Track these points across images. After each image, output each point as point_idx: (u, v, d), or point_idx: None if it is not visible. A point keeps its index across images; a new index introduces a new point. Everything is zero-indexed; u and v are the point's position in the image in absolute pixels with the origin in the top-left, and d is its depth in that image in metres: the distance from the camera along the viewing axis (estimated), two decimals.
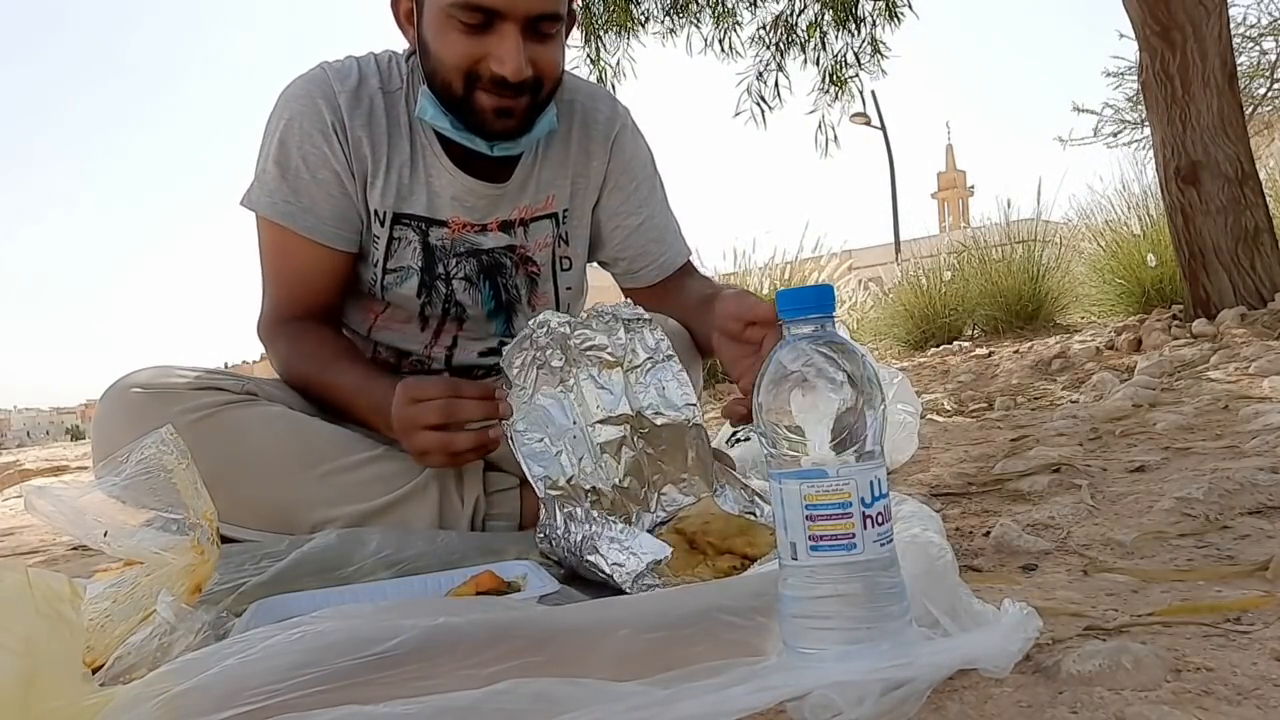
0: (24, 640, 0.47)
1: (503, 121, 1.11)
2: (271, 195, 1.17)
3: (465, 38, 1.06)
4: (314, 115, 1.16)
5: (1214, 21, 3.00)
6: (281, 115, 1.17)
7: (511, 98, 1.08)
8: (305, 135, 1.16)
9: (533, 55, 1.07)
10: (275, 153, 1.17)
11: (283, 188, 1.16)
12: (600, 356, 1.00)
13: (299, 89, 1.18)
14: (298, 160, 1.16)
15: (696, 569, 0.85)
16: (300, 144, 1.16)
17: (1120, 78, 6.33)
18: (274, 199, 1.16)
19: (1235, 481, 0.99)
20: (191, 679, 0.50)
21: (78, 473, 3.64)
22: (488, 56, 1.06)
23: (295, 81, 1.19)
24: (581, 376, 0.99)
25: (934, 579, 0.62)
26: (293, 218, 1.16)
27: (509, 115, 1.10)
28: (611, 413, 0.99)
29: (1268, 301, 2.89)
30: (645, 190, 1.34)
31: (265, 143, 1.19)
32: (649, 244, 1.34)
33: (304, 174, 1.16)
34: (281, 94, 1.19)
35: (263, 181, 1.18)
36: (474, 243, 1.24)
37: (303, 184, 1.16)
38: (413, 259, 1.22)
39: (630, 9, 5.28)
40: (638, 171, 1.33)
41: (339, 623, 0.56)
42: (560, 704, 0.52)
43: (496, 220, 1.24)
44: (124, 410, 1.06)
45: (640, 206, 1.33)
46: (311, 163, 1.16)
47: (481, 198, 1.22)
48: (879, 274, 7.80)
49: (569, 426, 0.98)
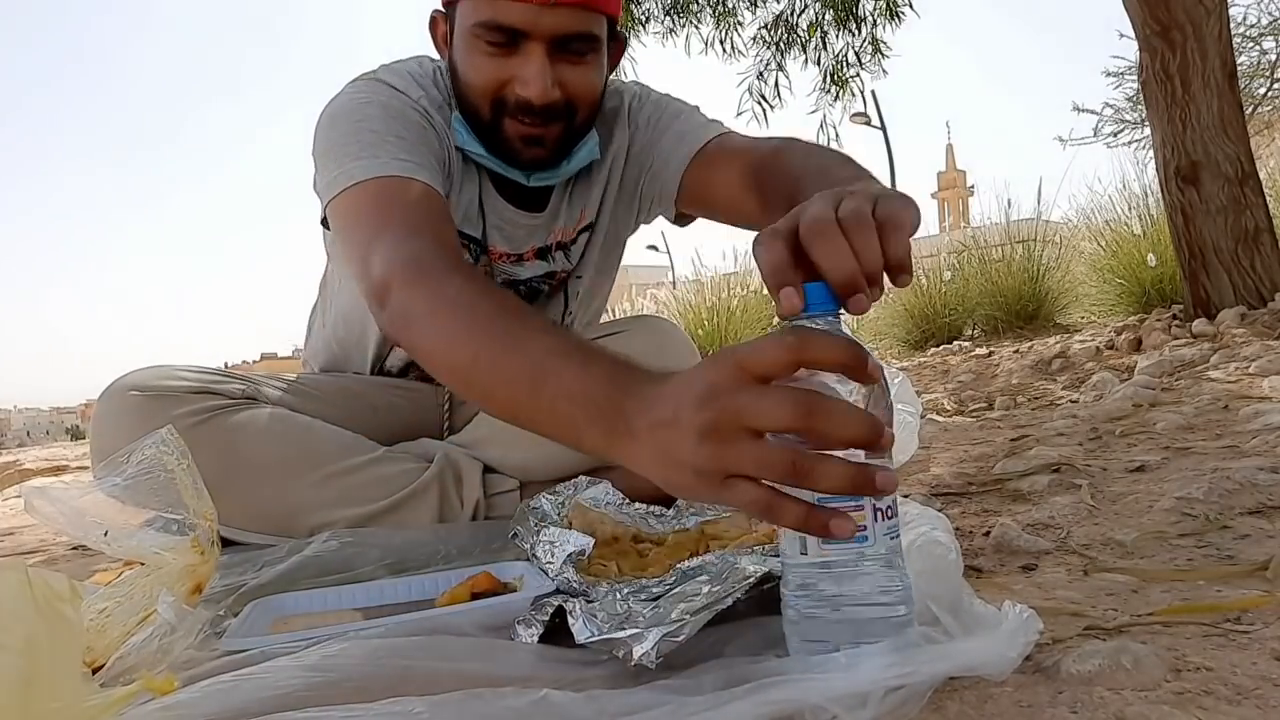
0: (24, 640, 0.47)
1: (532, 150, 1.04)
2: (375, 156, 0.97)
3: (490, 60, 0.99)
4: (398, 98, 1.04)
5: (1214, 21, 3.00)
6: (354, 104, 1.03)
7: (540, 125, 1.01)
8: (396, 112, 1.03)
9: (562, 78, 0.99)
10: (363, 126, 1.00)
11: (387, 146, 0.98)
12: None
13: (363, 86, 1.06)
14: (395, 125, 1.01)
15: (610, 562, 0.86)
16: (394, 115, 1.02)
17: (1120, 78, 6.34)
18: (380, 158, 0.96)
19: (1235, 481, 0.99)
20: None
21: (78, 473, 3.64)
22: (513, 79, 0.99)
23: (346, 89, 1.07)
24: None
25: (939, 577, 0.63)
26: (413, 170, 0.96)
27: (539, 144, 1.03)
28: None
29: (1268, 301, 2.89)
30: (662, 120, 1.18)
31: (338, 133, 1.01)
32: (670, 150, 1.16)
33: (406, 135, 1.01)
34: (335, 100, 1.06)
35: (354, 153, 0.97)
36: (510, 274, 1.19)
37: (408, 144, 1.00)
38: None
39: (630, 9, 5.28)
40: (652, 118, 1.19)
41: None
42: (561, 708, 0.52)
43: (532, 249, 1.19)
44: (122, 412, 1.06)
45: (657, 137, 1.18)
46: (411, 127, 1.02)
47: (519, 228, 1.17)
48: None
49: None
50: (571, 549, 0.82)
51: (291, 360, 22.70)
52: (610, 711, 0.52)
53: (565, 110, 1.02)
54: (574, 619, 0.65)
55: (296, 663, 0.58)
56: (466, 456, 1.14)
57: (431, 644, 0.62)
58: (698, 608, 0.63)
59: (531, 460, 1.14)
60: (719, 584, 0.68)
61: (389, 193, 0.94)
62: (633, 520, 1.01)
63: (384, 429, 1.18)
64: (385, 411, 1.26)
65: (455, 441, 1.18)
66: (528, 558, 0.88)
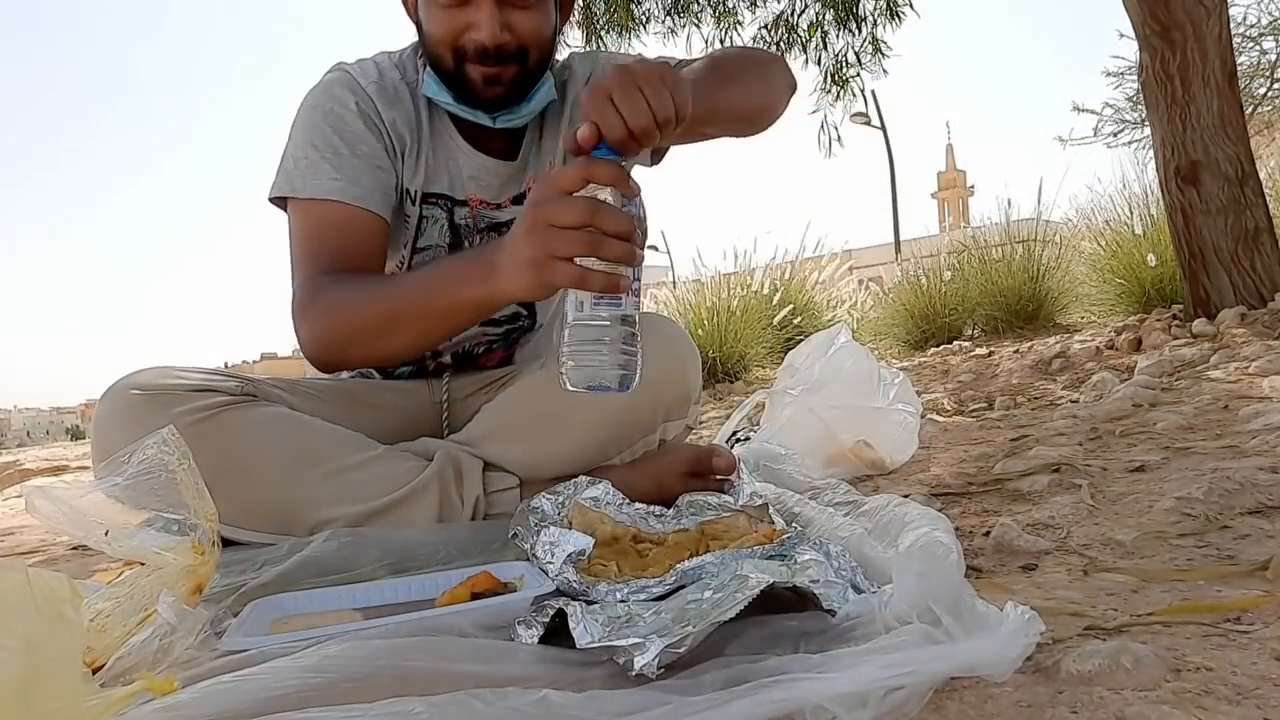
0: (24, 640, 0.47)
1: (491, 89, 1.15)
2: (315, 174, 1.16)
3: (446, 12, 1.12)
4: (345, 104, 1.19)
5: (1214, 21, 3.00)
6: (312, 110, 1.19)
7: (496, 66, 1.13)
8: (339, 119, 1.18)
9: (510, 21, 1.12)
10: (310, 138, 1.17)
11: (324, 166, 1.16)
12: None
13: (324, 87, 1.21)
14: (335, 140, 1.17)
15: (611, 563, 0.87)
16: (336, 126, 1.17)
17: (1120, 78, 6.33)
18: (318, 178, 1.15)
19: (1235, 481, 0.99)
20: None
21: (78, 473, 3.64)
22: (469, 27, 1.11)
23: (318, 84, 1.22)
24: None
25: (939, 578, 0.62)
26: (341, 191, 1.15)
27: (497, 83, 1.15)
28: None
29: (1268, 301, 2.89)
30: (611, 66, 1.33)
31: (295, 136, 1.19)
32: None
33: (344, 150, 1.17)
34: (306, 97, 1.21)
35: (299, 167, 1.17)
36: (492, 218, 1.29)
37: (344, 160, 1.16)
38: (440, 238, 1.26)
39: (631, 9, 5.28)
40: (606, 68, 1.29)
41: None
42: (561, 708, 0.52)
43: (509, 196, 1.29)
44: (123, 411, 1.06)
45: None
46: (349, 140, 1.17)
47: (496, 175, 1.27)
48: (879, 274, 7.80)
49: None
50: (571, 549, 0.82)
51: (291, 360, 22.72)
52: (610, 711, 0.52)
53: (518, 53, 1.14)
54: (575, 622, 0.65)
55: (296, 663, 0.58)
56: (467, 454, 1.14)
57: (432, 644, 0.62)
58: (700, 618, 0.63)
59: (532, 458, 1.15)
60: (722, 592, 0.68)
61: (315, 216, 1.16)
62: (633, 520, 1.01)
63: (383, 428, 1.19)
64: (384, 411, 1.26)
65: (455, 439, 1.19)
66: (528, 558, 0.88)
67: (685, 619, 0.64)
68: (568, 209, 0.83)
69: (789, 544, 0.82)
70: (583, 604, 0.71)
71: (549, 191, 0.85)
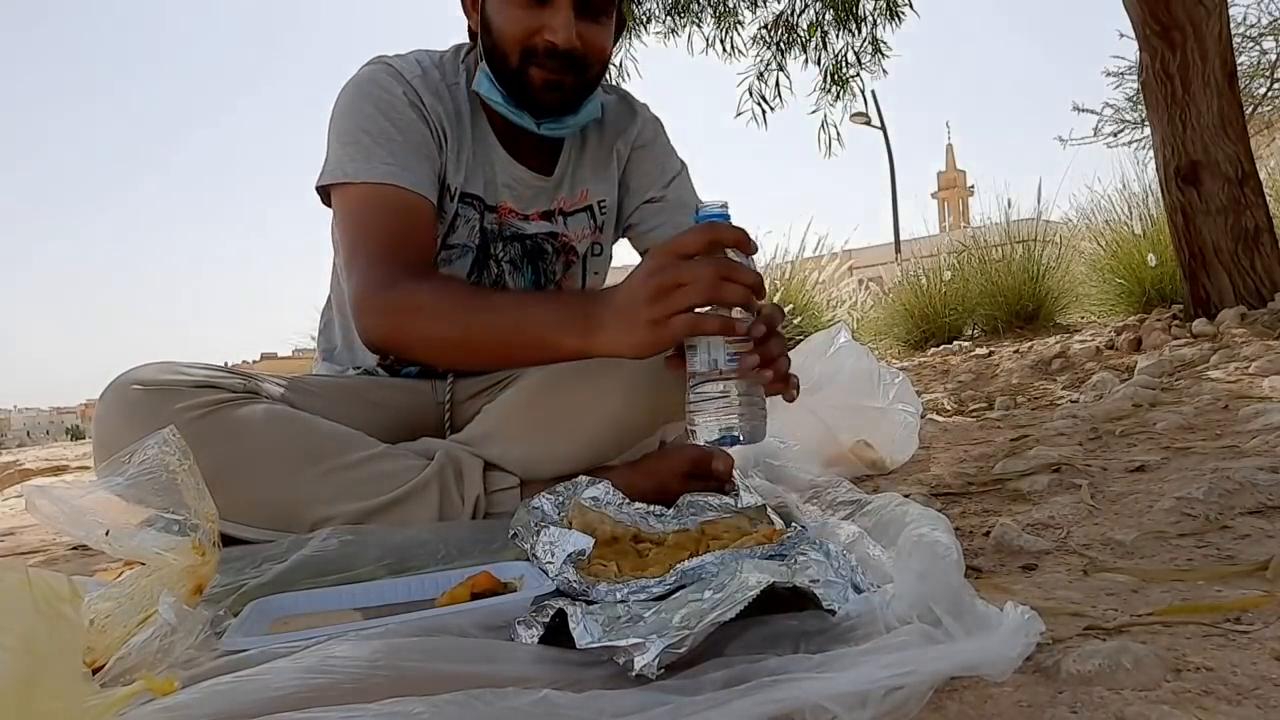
0: (24, 640, 0.47)
1: (550, 94, 1.16)
2: (368, 160, 1.16)
3: (524, 11, 1.14)
4: (393, 91, 1.19)
5: (1214, 21, 3.00)
6: (359, 98, 1.19)
7: (560, 72, 1.15)
8: (389, 106, 1.18)
9: (582, 32, 1.14)
10: (361, 124, 1.17)
11: (378, 151, 1.16)
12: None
13: (368, 76, 1.21)
14: (387, 126, 1.17)
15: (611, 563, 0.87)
16: (387, 113, 1.18)
17: (1120, 78, 6.33)
18: (371, 163, 1.15)
19: (1235, 481, 0.99)
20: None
21: (78, 473, 3.64)
22: (543, 29, 1.13)
23: (358, 75, 1.22)
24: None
25: (938, 578, 0.62)
26: (396, 176, 1.15)
27: (558, 89, 1.16)
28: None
29: (1268, 301, 2.89)
30: (669, 170, 1.39)
31: (342, 125, 1.19)
32: (666, 212, 1.37)
33: (397, 137, 1.17)
34: (348, 86, 1.22)
35: (350, 153, 1.16)
36: (518, 228, 1.30)
37: (397, 145, 1.17)
38: (469, 238, 1.27)
39: (632, 9, 5.28)
40: (659, 154, 1.39)
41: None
42: (561, 708, 0.52)
43: (537, 211, 1.31)
44: (124, 408, 1.06)
45: (663, 183, 1.37)
46: (401, 127, 1.18)
47: (529, 187, 1.29)
48: (879, 274, 7.80)
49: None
50: (571, 549, 0.82)
51: (291, 360, 22.75)
52: (610, 711, 0.52)
53: (582, 62, 1.16)
54: (575, 623, 0.65)
55: (296, 663, 0.58)
56: (467, 453, 1.14)
57: (431, 644, 0.62)
58: (699, 618, 0.63)
59: (532, 457, 1.15)
60: (722, 592, 0.68)
61: (373, 200, 1.15)
62: (633, 520, 1.01)
63: (384, 427, 1.19)
64: (386, 409, 1.26)
65: (456, 439, 1.19)
66: (528, 558, 0.88)
67: (685, 619, 0.64)
68: (699, 268, 0.83)
69: (789, 544, 0.82)
70: (583, 604, 0.71)
71: (671, 256, 0.85)
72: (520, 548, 0.91)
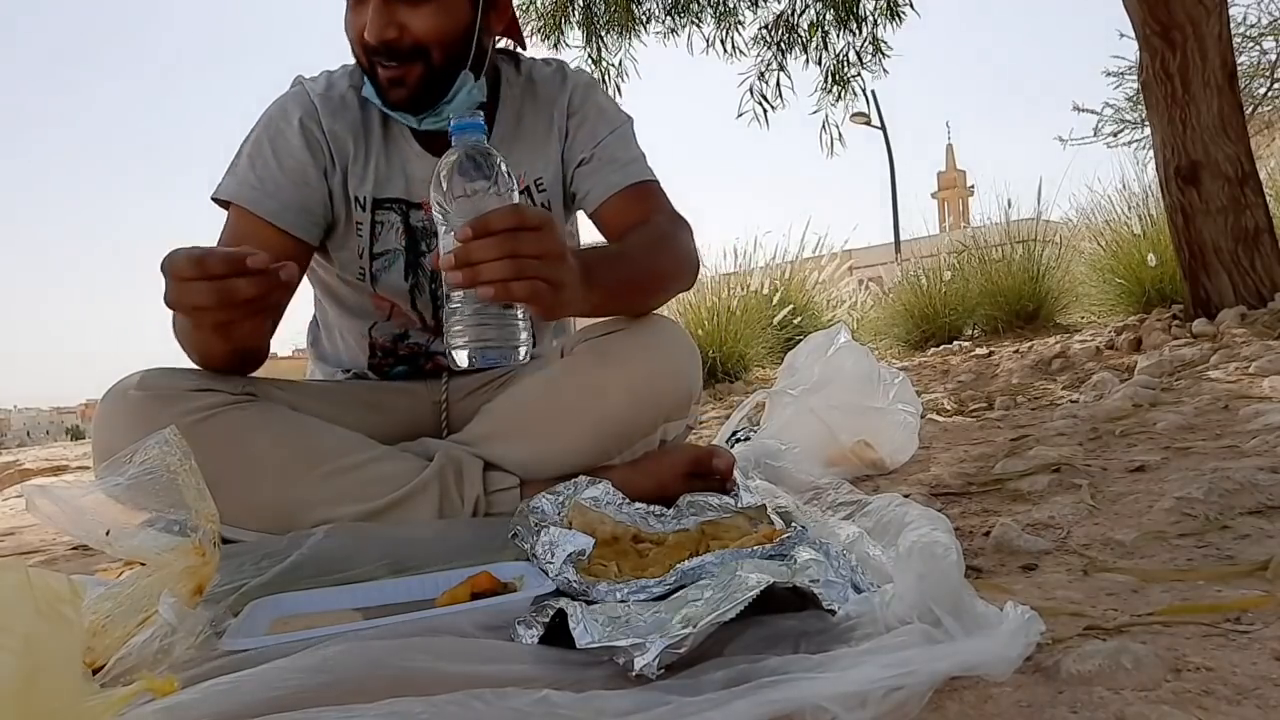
0: (24, 640, 0.47)
1: (396, 91, 1.14)
2: (239, 183, 1.20)
3: (351, 13, 1.13)
4: (287, 116, 1.22)
5: (1214, 21, 3.00)
6: (260, 121, 1.24)
7: (395, 67, 1.12)
8: (277, 132, 1.22)
9: (403, 19, 1.10)
10: (249, 149, 1.22)
11: (250, 176, 1.20)
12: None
13: (278, 101, 1.25)
14: (268, 152, 1.21)
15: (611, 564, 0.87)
16: (273, 139, 1.21)
17: (1120, 78, 6.33)
18: (240, 186, 1.19)
19: (1235, 481, 0.99)
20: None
21: (78, 473, 3.64)
22: (365, 27, 1.10)
23: (277, 99, 1.26)
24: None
25: (938, 578, 0.62)
26: (257, 203, 1.18)
27: (400, 84, 1.14)
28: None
29: (1268, 301, 2.89)
30: (599, 131, 1.31)
31: (240, 146, 1.24)
32: (595, 173, 1.31)
33: (271, 164, 1.20)
34: (273, 104, 1.26)
35: (232, 173, 1.22)
36: None
37: (269, 173, 1.20)
38: (396, 241, 1.27)
39: (631, 9, 5.28)
40: (590, 116, 1.32)
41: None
42: (561, 708, 0.52)
43: None
44: (124, 411, 1.06)
45: (591, 144, 1.31)
46: (280, 154, 1.20)
47: None
48: (879, 274, 7.80)
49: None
50: (571, 549, 0.82)
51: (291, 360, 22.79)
52: (610, 711, 0.52)
53: (413, 51, 1.12)
54: (575, 622, 0.65)
55: (296, 663, 0.58)
56: (467, 454, 1.14)
57: (432, 644, 0.62)
58: (700, 619, 0.63)
59: (532, 457, 1.15)
60: (722, 592, 0.68)
61: (238, 231, 1.18)
62: (633, 520, 1.01)
63: (383, 429, 1.19)
64: (384, 411, 1.26)
65: (455, 439, 1.19)
66: (528, 558, 0.88)
67: (685, 619, 0.64)
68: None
69: (789, 544, 0.82)
70: (583, 604, 0.71)
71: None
72: (520, 548, 0.91)
